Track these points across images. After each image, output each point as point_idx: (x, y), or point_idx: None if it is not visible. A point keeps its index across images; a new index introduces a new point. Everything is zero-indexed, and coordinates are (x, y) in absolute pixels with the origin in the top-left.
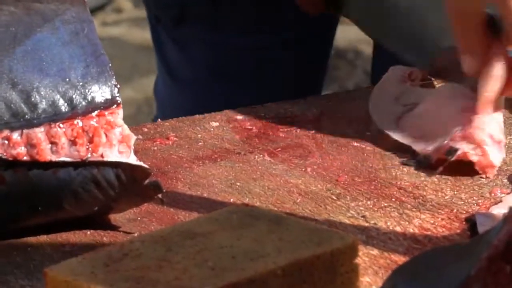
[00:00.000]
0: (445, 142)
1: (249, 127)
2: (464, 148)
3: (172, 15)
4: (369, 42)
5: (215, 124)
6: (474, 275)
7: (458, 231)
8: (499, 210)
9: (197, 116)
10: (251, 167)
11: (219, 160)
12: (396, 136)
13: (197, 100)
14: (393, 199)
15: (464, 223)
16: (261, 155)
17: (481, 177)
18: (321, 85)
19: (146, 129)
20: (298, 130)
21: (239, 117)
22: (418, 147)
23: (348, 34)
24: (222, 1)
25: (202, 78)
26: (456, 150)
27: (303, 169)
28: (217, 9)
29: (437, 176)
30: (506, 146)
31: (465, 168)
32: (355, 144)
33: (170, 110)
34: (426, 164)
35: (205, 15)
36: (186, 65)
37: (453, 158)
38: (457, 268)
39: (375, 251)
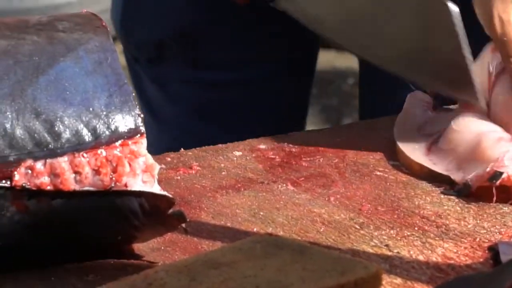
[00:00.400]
0: (488, 169)
1: (272, 156)
2: (510, 171)
3: (149, 54)
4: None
5: (238, 153)
6: None
7: (481, 260)
8: None
9: (220, 145)
10: (274, 196)
11: (242, 189)
12: (431, 166)
13: (178, 138)
14: (416, 228)
15: (487, 252)
16: (284, 185)
17: (504, 206)
18: (305, 116)
19: (169, 159)
20: (321, 159)
21: (262, 146)
22: (457, 176)
23: None
24: (200, 39)
25: (182, 116)
26: (501, 174)
27: (326, 198)
28: (195, 46)
29: (460, 204)
30: None
31: (488, 196)
32: (378, 173)
33: (154, 149)
34: (467, 192)
35: (183, 53)
36: (166, 103)
37: (498, 183)
38: None
39: (398, 280)
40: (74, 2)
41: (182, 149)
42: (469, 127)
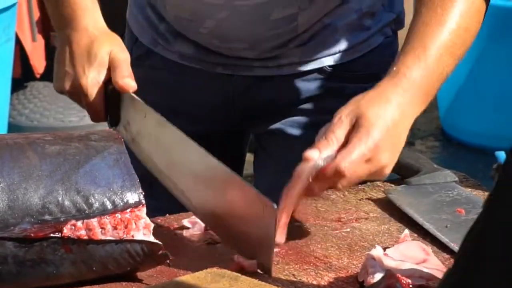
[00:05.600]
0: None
1: None
2: None
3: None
4: None
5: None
6: None
7: (352, 285)
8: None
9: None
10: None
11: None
12: None
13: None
14: (311, 264)
15: (356, 281)
16: None
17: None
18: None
19: (159, 220)
20: None
21: None
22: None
23: None
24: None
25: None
26: None
27: None
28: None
29: (338, 250)
30: None
31: None
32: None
33: None
34: None
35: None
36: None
37: None
38: None
39: None
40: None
41: (167, 214)
42: None
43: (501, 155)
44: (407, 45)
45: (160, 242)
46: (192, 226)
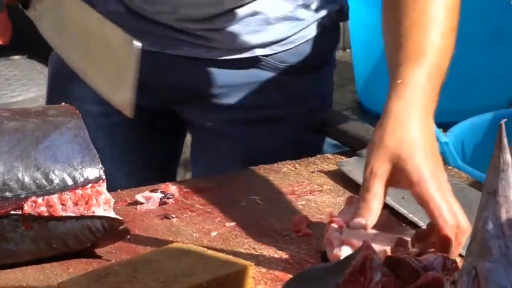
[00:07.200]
0: None
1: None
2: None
3: None
4: None
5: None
6: (341, 283)
7: (315, 258)
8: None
9: (143, 187)
10: (182, 220)
11: (161, 214)
12: None
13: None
14: (271, 238)
15: (318, 253)
16: (187, 212)
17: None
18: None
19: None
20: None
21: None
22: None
23: None
24: None
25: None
26: None
27: (216, 220)
28: None
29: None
30: None
31: None
32: (243, 204)
33: None
34: None
35: None
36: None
37: None
38: (330, 280)
39: (263, 270)
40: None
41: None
42: None
43: None
44: (403, 50)
45: (120, 218)
46: (146, 201)
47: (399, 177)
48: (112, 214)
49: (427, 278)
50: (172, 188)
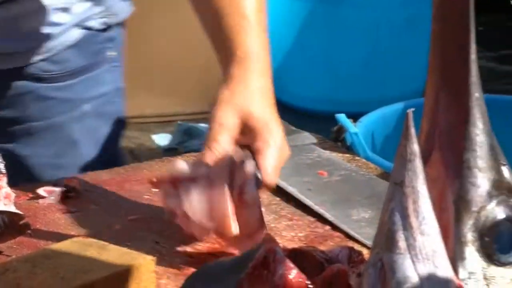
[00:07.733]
0: None
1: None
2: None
3: None
4: None
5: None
6: (244, 277)
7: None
8: None
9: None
10: (83, 211)
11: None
12: None
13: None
14: (179, 230)
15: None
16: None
17: None
18: None
19: (13, 190)
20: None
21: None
22: None
23: None
24: None
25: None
26: None
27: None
28: None
29: None
30: None
31: None
32: (146, 196)
33: None
34: None
35: None
36: None
37: None
38: (234, 272)
39: (165, 263)
40: None
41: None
42: None
43: (341, 117)
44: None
45: (21, 212)
46: (48, 195)
47: (244, 129)
48: (12, 208)
49: (332, 271)
50: (75, 182)
